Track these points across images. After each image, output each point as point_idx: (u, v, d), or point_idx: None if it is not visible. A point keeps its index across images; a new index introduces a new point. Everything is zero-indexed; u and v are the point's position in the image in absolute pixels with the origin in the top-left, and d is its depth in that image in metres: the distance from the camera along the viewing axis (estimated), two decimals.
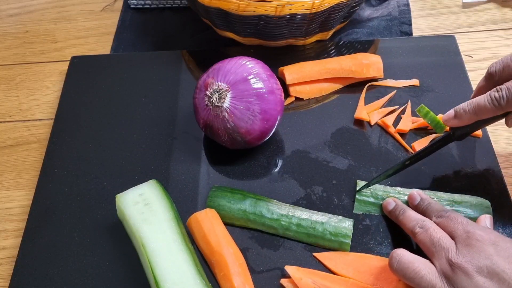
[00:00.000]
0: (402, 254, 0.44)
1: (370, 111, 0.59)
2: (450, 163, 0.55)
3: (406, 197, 0.52)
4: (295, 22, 0.59)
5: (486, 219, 0.48)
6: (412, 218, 0.48)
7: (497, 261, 0.40)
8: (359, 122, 0.59)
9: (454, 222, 0.45)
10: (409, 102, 0.60)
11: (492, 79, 0.49)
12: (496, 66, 0.48)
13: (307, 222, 0.50)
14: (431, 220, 0.47)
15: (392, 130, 0.57)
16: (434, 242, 0.44)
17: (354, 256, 0.49)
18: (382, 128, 0.58)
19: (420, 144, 0.56)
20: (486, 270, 0.40)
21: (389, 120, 0.58)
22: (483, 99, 0.47)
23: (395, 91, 0.61)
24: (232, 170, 0.56)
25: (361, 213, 0.52)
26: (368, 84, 0.62)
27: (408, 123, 0.58)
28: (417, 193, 0.51)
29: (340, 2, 0.58)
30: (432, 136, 0.57)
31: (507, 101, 0.45)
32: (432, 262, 0.43)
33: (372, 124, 0.59)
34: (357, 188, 0.53)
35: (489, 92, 0.47)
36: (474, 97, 0.49)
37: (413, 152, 0.55)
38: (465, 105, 0.48)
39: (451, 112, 0.49)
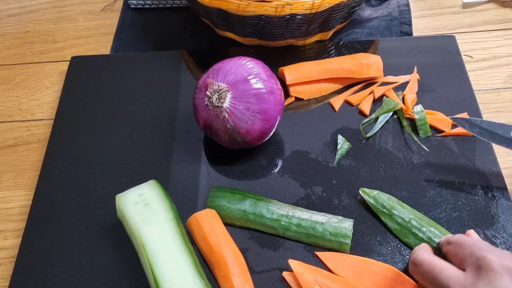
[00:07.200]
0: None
1: (355, 101, 0.60)
2: (450, 163, 0.55)
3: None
4: (295, 22, 0.59)
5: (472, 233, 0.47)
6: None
7: None
8: (359, 122, 0.59)
9: (462, 248, 0.42)
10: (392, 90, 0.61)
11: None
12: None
13: (307, 222, 0.50)
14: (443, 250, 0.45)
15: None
16: (434, 277, 0.41)
17: (355, 260, 0.49)
18: (382, 128, 0.58)
19: None
20: None
21: (365, 105, 0.60)
22: None
23: (379, 82, 0.62)
24: (232, 170, 0.56)
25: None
26: (368, 82, 0.62)
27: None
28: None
29: (340, 2, 0.58)
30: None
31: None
32: None
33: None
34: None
35: None
36: None
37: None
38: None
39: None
